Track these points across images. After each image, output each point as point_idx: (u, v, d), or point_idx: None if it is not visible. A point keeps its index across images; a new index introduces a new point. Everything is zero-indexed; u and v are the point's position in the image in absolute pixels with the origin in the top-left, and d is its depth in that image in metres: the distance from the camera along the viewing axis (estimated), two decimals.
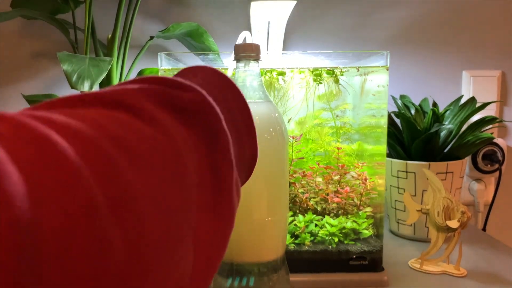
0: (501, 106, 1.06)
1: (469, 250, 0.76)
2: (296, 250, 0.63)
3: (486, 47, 1.04)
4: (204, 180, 0.20)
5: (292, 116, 0.71)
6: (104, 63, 0.67)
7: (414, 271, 0.67)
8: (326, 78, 0.67)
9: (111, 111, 0.18)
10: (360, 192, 0.67)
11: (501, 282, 0.63)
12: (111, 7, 0.87)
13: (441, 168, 0.79)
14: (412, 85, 1.04)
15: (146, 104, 0.19)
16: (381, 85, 0.65)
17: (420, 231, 0.81)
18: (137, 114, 0.18)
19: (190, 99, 0.20)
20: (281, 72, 0.67)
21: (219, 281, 0.51)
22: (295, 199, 0.67)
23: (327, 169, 0.68)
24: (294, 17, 0.96)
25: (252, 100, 0.50)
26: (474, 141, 0.82)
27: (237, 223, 0.50)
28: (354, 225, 0.65)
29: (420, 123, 0.84)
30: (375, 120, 0.68)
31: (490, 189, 1.02)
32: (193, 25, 0.85)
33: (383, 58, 0.64)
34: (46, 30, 0.98)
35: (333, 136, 0.72)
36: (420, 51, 1.04)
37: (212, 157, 0.20)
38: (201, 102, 0.21)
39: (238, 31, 1.01)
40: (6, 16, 0.78)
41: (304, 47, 1.03)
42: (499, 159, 0.98)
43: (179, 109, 0.20)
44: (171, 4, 1.00)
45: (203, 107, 0.21)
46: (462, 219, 0.65)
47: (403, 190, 0.82)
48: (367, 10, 1.02)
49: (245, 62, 0.50)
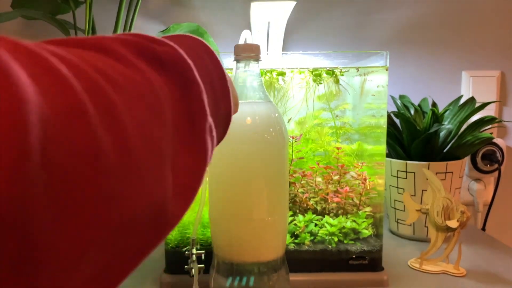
0: (500, 106, 1.06)
1: (469, 250, 0.76)
2: (296, 250, 0.63)
3: (486, 47, 1.04)
4: (179, 122, 0.22)
5: (292, 116, 0.71)
6: None
7: (413, 271, 0.68)
8: (326, 78, 0.68)
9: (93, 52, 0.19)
10: (360, 192, 0.67)
11: (500, 282, 0.64)
12: (112, 8, 0.87)
13: (441, 168, 0.79)
14: (412, 85, 1.05)
15: (125, 51, 0.21)
16: (381, 85, 0.65)
17: (419, 231, 0.82)
18: (117, 59, 0.20)
19: (164, 51, 0.23)
20: (281, 72, 0.67)
21: (219, 281, 0.52)
22: (295, 199, 0.68)
23: (327, 169, 0.68)
24: (294, 17, 0.96)
25: (252, 100, 0.51)
26: (474, 141, 0.82)
27: (237, 223, 0.50)
28: (353, 224, 0.65)
29: (419, 123, 0.84)
30: (374, 120, 0.68)
31: (490, 189, 1.02)
32: (193, 25, 0.85)
33: (383, 58, 0.64)
34: (46, 30, 0.98)
35: (333, 136, 0.72)
36: (420, 51, 1.04)
37: (186, 102, 0.23)
38: (174, 54, 0.23)
39: (238, 32, 1.02)
40: (7, 17, 0.79)
41: (304, 47, 1.03)
42: (499, 159, 0.98)
43: (154, 58, 0.22)
44: (171, 5, 1.01)
45: (176, 58, 0.23)
46: (461, 219, 0.65)
47: (402, 190, 0.82)
48: (367, 10, 1.02)
49: (245, 63, 0.51)
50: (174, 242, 0.64)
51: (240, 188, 0.50)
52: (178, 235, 0.64)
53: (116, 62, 0.20)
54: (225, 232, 0.51)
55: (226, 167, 0.50)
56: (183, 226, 0.64)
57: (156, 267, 0.70)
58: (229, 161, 0.49)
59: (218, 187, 0.51)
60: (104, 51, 0.20)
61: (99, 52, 0.20)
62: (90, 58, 0.19)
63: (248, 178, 0.49)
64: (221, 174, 0.50)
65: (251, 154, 0.49)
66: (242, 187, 0.50)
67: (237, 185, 0.50)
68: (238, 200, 0.50)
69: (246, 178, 0.49)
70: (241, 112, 0.50)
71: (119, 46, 0.21)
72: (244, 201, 0.50)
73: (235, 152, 0.49)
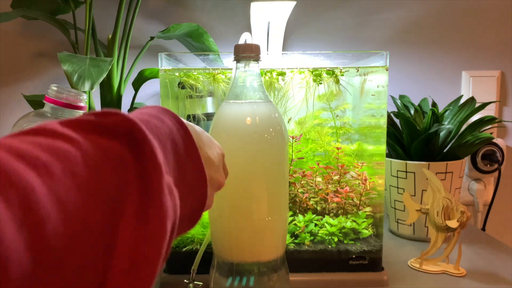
0: (500, 106, 1.06)
1: (469, 250, 0.76)
2: (296, 250, 0.63)
3: (486, 47, 1.04)
4: (130, 186, 0.21)
5: (292, 116, 0.71)
6: (104, 63, 0.67)
7: (413, 271, 0.68)
8: (326, 78, 0.68)
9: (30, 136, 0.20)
10: (360, 192, 0.67)
11: (500, 282, 0.64)
12: (112, 8, 0.87)
13: (441, 168, 0.79)
14: (412, 85, 1.05)
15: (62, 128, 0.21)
16: (381, 85, 0.65)
17: (419, 231, 0.82)
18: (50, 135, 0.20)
19: (113, 119, 0.22)
20: (281, 73, 0.67)
21: (219, 281, 0.52)
22: (295, 199, 0.68)
23: (327, 169, 0.68)
24: (294, 18, 0.96)
25: (252, 100, 0.51)
26: (474, 141, 0.82)
27: (237, 223, 0.50)
28: (353, 224, 0.65)
29: (419, 123, 0.84)
30: (374, 120, 0.68)
31: (490, 189, 1.02)
32: (193, 25, 0.85)
33: (383, 58, 0.64)
34: (46, 30, 0.98)
35: (333, 136, 0.72)
36: (420, 51, 1.04)
37: (139, 163, 0.22)
38: (123, 121, 0.22)
39: (238, 32, 1.02)
40: (7, 17, 0.79)
41: (304, 47, 1.03)
42: (499, 159, 0.98)
43: (97, 128, 0.22)
44: (171, 5, 1.01)
45: (123, 122, 0.22)
46: (461, 219, 0.65)
47: (402, 190, 0.82)
48: (367, 10, 1.02)
49: (245, 63, 0.51)
50: (174, 242, 0.64)
51: (240, 188, 0.50)
52: None
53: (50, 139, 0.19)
54: (225, 232, 0.51)
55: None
56: None
57: None
58: (229, 161, 0.49)
59: None
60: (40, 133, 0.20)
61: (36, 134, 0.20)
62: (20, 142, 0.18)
63: (248, 178, 0.49)
64: None
65: (251, 154, 0.49)
66: (242, 187, 0.50)
67: (237, 185, 0.50)
68: (238, 200, 0.50)
69: (246, 178, 0.49)
70: (241, 112, 0.50)
71: (57, 125, 0.21)
72: (244, 201, 0.50)
73: (235, 152, 0.49)
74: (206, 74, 0.66)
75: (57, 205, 0.17)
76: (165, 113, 0.28)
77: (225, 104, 0.51)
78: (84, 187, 0.19)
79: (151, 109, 0.28)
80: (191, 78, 0.66)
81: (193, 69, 0.68)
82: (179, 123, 0.28)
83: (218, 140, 0.50)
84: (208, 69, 0.67)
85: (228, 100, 0.51)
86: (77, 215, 0.18)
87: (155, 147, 0.23)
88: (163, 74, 0.63)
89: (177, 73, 0.66)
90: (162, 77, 0.63)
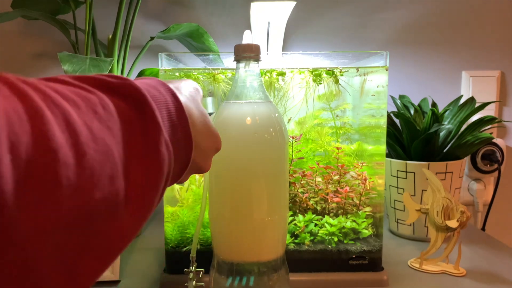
0: (500, 106, 1.06)
1: (468, 249, 0.76)
2: (296, 250, 0.63)
3: (486, 47, 1.04)
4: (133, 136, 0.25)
5: (292, 116, 0.71)
6: (104, 63, 0.67)
7: (413, 271, 0.68)
8: (326, 78, 0.68)
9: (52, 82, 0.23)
10: (360, 192, 0.67)
11: (500, 282, 0.64)
12: (112, 8, 0.87)
13: (441, 168, 0.79)
14: (412, 85, 1.05)
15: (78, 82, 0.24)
16: (381, 85, 0.65)
17: (419, 231, 0.82)
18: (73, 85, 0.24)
19: (118, 81, 0.26)
20: (281, 73, 0.67)
21: (219, 281, 0.52)
22: (295, 199, 0.68)
23: (326, 169, 0.68)
24: (294, 18, 0.96)
25: (252, 100, 0.51)
26: (474, 141, 0.82)
27: (237, 223, 0.50)
28: (353, 224, 0.65)
29: (419, 123, 0.84)
30: (374, 120, 0.68)
31: (489, 189, 1.03)
32: (193, 25, 0.85)
33: (383, 59, 0.64)
34: (46, 30, 0.98)
35: (332, 136, 0.72)
36: (420, 52, 1.04)
37: (140, 120, 0.26)
38: (127, 84, 0.26)
39: (238, 32, 1.02)
40: (7, 17, 0.79)
41: (304, 47, 1.03)
42: (498, 159, 0.98)
43: (108, 87, 0.25)
44: (171, 5, 1.01)
45: (130, 86, 0.26)
46: (461, 219, 0.65)
47: (402, 190, 0.82)
48: (367, 10, 1.02)
49: (245, 63, 0.51)
50: (174, 242, 0.64)
51: (240, 188, 0.50)
52: (178, 235, 0.64)
53: (71, 87, 0.23)
54: (225, 232, 0.51)
55: (226, 167, 0.50)
56: (183, 226, 0.64)
57: (156, 267, 0.70)
58: (229, 161, 0.49)
59: (218, 187, 0.51)
60: (61, 81, 0.23)
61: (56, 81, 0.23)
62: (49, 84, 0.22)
63: (248, 178, 0.49)
64: (221, 174, 0.50)
65: (251, 154, 0.49)
66: (242, 187, 0.50)
67: (237, 185, 0.50)
68: (238, 200, 0.50)
69: (246, 178, 0.49)
70: (241, 112, 0.50)
71: (72, 79, 0.24)
72: (244, 201, 0.50)
73: (235, 152, 0.49)
74: (206, 74, 0.66)
75: (85, 126, 0.21)
76: (161, 85, 0.32)
77: (225, 104, 0.51)
78: (103, 121, 0.23)
79: (151, 80, 0.32)
80: (191, 78, 0.66)
81: (193, 69, 0.68)
82: (173, 95, 0.32)
83: None
84: (208, 69, 0.67)
85: (228, 100, 0.51)
86: (101, 137, 0.22)
87: (155, 109, 0.27)
88: (163, 74, 0.63)
89: (177, 73, 0.66)
90: (162, 77, 0.63)
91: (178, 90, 0.34)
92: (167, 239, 0.64)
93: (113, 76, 0.27)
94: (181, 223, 0.64)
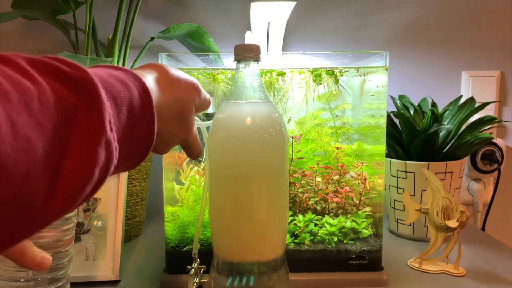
0: (500, 106, 1.06)
1: (468, 249, 0.76)
2: (296, 250, 0.63)
3: (485, 47, 1.04)
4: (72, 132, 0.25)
5: (292, 116, 0.71)
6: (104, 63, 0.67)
7: (413, 271, 0.68)
8: (326, 78, 0.68)
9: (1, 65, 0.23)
10: (360, 192, 0.67)
11: (500, 282, 0.64)
12: (112, 8, 0.87)
13: (440, 168, 0.79)
14: (411, 85, 1.05)
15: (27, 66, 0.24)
16: (381, 85, 0.65)
17: (419, 231, 0.82)
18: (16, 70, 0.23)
19: (73, 71, 0.26)
20: (281, 73, 0.67)
21: (219, 281, 0.52)
22: (295, 198, 0.68)
23: (326, 169, 0.68)
24: (294, 18, 0.96)
25: (252, 100, 0.51)
26: (473, 141, 0.82)
27: (237, 223, 0.50)
28: (353, 224, 0.65)
29: (419, 123, 0.84)
30: (374, 120, 0.68)
31: (489, 189, 1.03)
32: (193, 25, 0.85)
33: (383, 59, 0.64)
34: (47, 30, 0.98)
35: (332, 136, 0.72)
36: (419, 52, 1.04)
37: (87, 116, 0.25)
38: (82, 75, 0.26)
39: (238, 32, 1.02)
40: (7, 17, 0.79)
41: (304, 47, 1.03)
42: (498, 159, 0.98)
43: (60, 76, 0.25)
44: (171, 5, 1.01)
45: (83, 79, 0.26)
46: (461, 219, 0.65)
47: (402, 190, 0.82)
48: (367, 10, 1.02)
49: (245, 63, 0.51)
50: (174, 242, 0.64)
51: (240, 188, 0.50)
52: (178, 235, 0.64)
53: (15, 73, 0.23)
54: (225, 232, 0.52)
55: (226, 167, 0.50)
56: (183, 226, 0.64)
57: (156, 267, 0.70)
58: (229, 161, 0.49)
59: (218, 187, 0.51)
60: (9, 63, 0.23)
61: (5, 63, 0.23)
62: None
63: (248, 178, 0.50)
64: (221, 174, 0.51)
65: (251, 154, 0.49)
66: (242, 187, 0.50)
67: (237, 185, 0.50)
68: (238, 200, 0.50)
69: (246, 178, 0.50)
70: (241, 112, 0.50)
71: (25, 61, 0.24)
72: (244, 201, 0.50)
73: (235, 152, 0.49)
74: (206, 74, 0.66)
75: (8, 122, 0.21)
76: (133, 78, 0.32)
77: (225, 104, 0.51)
78: (34, 117, 0.22)
79: (123, 73, 0.32)
80: None
81: (193, 69, 0.68)
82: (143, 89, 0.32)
83: (218, 140, 0.51)
84: (208, 69, 0.67)
85: (228, 100, 0.51)
86: (24, 134, 0.22)
87: (103, 107, 0.26)
88: None
89: None
90: None
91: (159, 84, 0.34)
92: (167, 239, 0.64)
93: (71, 65, 0.26)
94: (181, 223, 0.64)
